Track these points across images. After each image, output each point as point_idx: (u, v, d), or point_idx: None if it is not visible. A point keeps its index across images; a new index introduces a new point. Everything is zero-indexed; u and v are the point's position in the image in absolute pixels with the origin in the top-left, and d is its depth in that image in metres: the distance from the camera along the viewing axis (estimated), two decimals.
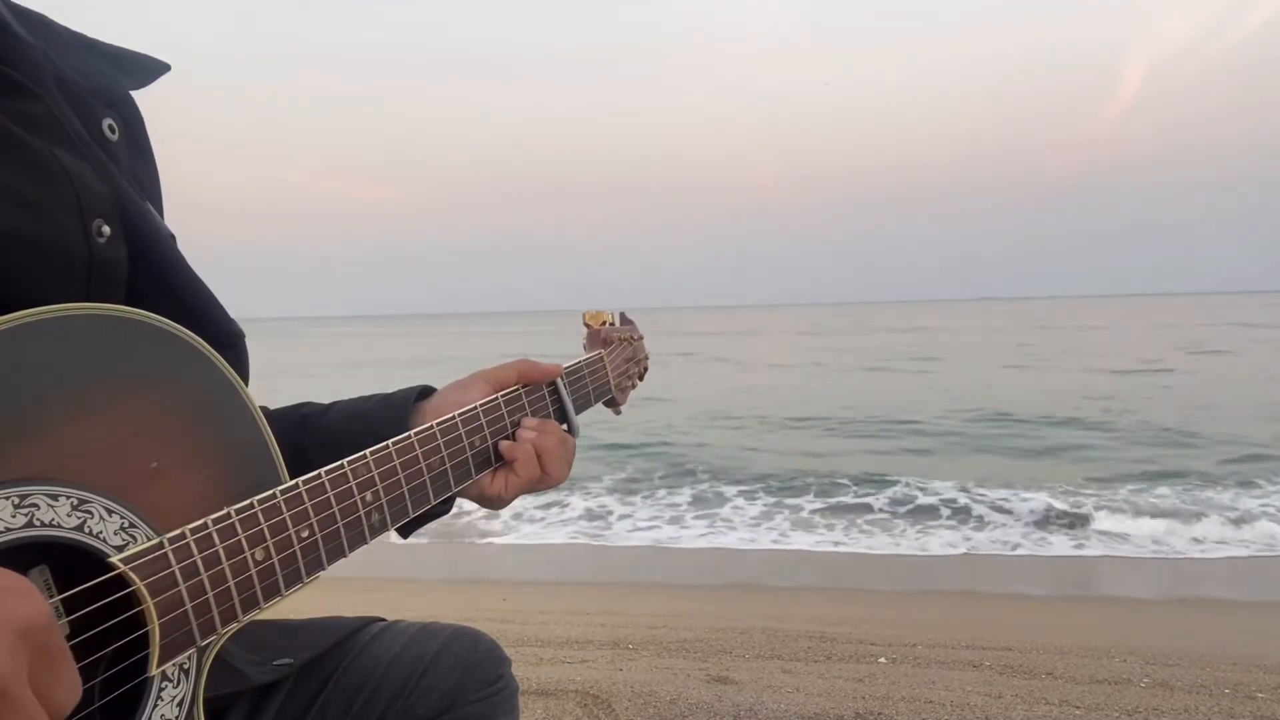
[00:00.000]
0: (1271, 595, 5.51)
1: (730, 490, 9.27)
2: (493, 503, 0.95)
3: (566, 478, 0.97)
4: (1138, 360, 25.13)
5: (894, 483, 9.13)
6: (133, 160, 0.78)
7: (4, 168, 0.61)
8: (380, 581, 5.47)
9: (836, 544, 7.11)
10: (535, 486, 0.95)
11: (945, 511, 7.93)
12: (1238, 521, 7.19)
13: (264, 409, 0.93)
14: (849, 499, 8.64)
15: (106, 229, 0.68)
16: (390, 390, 0.96)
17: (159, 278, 0.73)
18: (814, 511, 8.19)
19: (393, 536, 0.97)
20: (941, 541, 7.00)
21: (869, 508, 8.23)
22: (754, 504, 8.63)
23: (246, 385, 0.73)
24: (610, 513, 8.40)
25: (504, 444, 0.93)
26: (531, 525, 7.71)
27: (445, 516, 0.97)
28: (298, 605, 0.70)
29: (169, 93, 0.84)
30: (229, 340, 0.76)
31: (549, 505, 8.22)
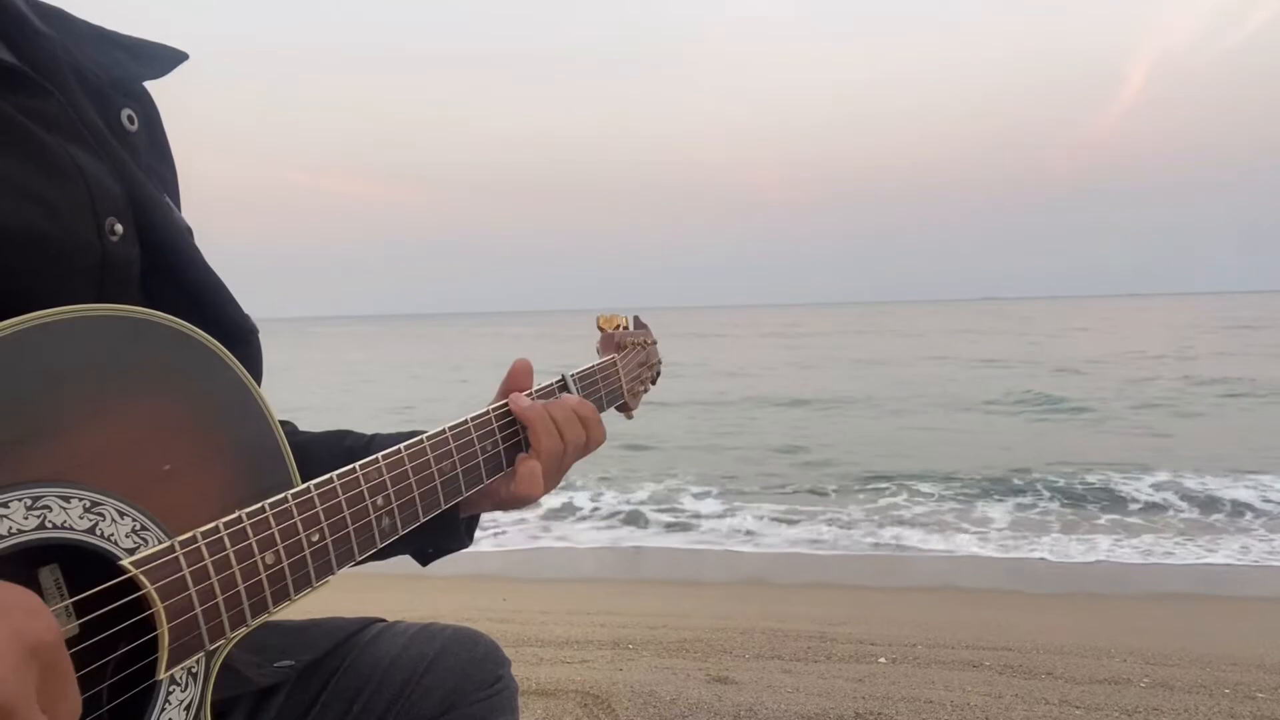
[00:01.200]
0: (1272, 595, 5.51)
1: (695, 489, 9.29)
2: (516, 502, 0.93)
3: (584, 446, 0.95)
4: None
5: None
6: (149, 152, 0.78)
7: (17, 164, 0.61)
8: (380, 581, 5.46)
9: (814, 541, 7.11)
10: (558, 458, 0.93)
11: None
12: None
13: (306, 433, 0.92)
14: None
15: (119, 227, 0.68)
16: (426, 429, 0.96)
17: (173, 273, 0.73)
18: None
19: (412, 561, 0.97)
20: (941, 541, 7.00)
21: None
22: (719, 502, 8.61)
23: (260, 381, 0.72)
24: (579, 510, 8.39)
25: (515, 402, 0.92)
26: (527, 526, 7.71)
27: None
28: (298, 606, 0.70)
29: (169, 90, 0.84)
30: (243, 336, 0.76)
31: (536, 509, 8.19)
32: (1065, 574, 6.11)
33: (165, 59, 0.82)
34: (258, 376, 0.74)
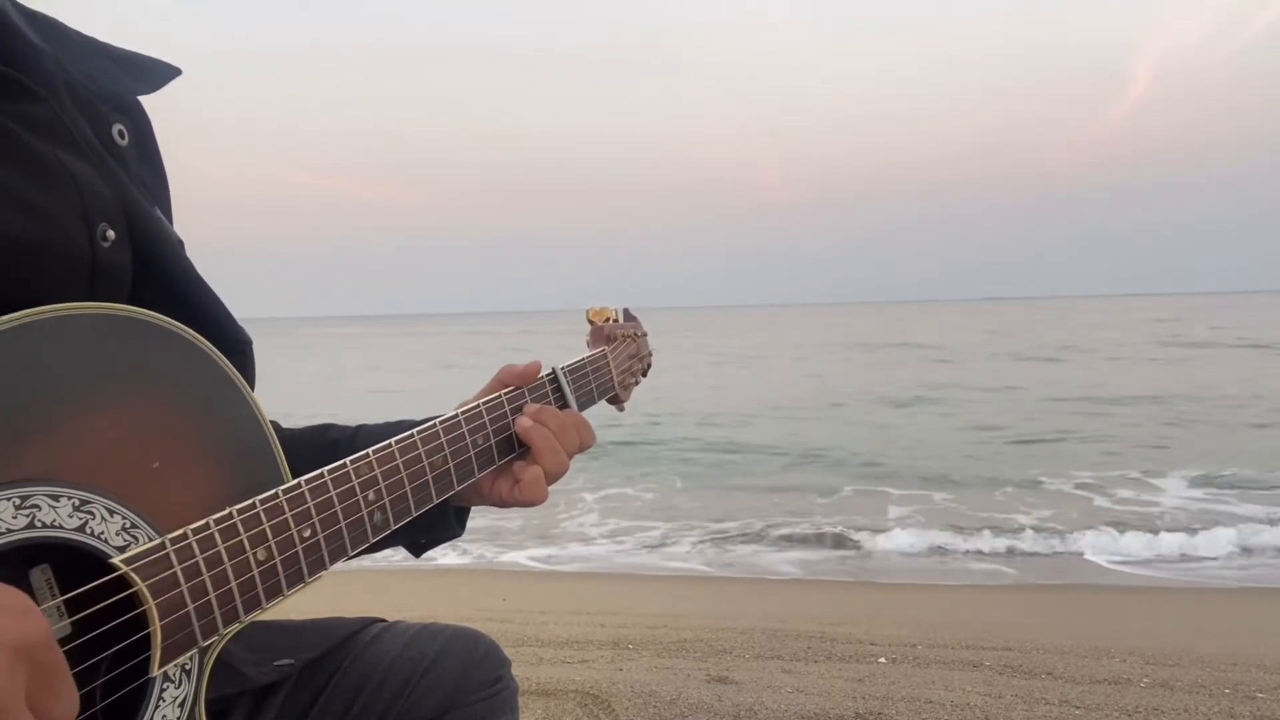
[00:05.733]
0: (1272, 595, 5.51)
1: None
2: (519, 505, 0.92)
3: (567, 466, 0.93)
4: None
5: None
6: (141, 166, 0.78)
7: (8, 170, 0.61)
8: (380, 581, 5.47)
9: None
10: (560, 475, 0.92)
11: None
12: None
13: (289, 429, 0.92)
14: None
15: (111, 233, 0.67)
16: (413, 418, 0.95)
17: (165, 283, 0.73)
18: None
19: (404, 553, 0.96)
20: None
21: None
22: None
23: (252, 390, 0.72)
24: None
25: (520, 424, 0.91)
26: (527, 527, 7.69)
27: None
28: (297, 606, 0.70)
29: (167, 92, 0.83)
30: (236, 347, 0.76)
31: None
32: (1065, 573, 6.11)
33: (158, 74, 0.82)
34: (250, 386, 0.74)
